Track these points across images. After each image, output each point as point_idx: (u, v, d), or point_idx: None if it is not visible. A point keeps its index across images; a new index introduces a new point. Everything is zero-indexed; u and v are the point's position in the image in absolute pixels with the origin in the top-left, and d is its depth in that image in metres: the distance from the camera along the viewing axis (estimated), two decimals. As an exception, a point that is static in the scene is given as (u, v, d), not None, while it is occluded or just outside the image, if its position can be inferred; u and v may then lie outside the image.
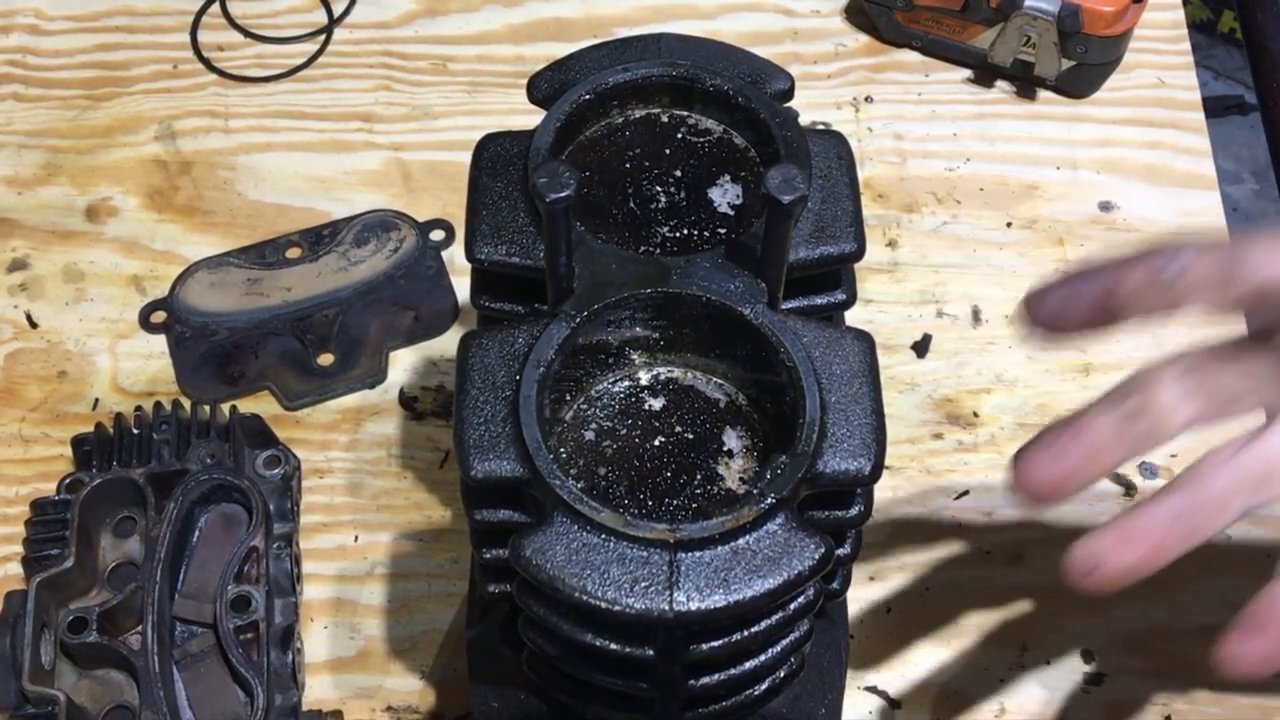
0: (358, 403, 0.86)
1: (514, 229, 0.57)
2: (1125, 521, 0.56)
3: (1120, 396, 0.56)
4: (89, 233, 0.94)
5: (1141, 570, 0.56)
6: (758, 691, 0.61)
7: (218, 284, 0.89)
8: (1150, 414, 0.56)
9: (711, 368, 0.58)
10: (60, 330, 0.89)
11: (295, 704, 0.71)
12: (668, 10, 1.04)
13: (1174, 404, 0.56)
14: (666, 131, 0.62)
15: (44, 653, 0.72)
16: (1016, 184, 0.95)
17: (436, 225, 0.92)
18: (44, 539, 0.75)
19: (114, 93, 1.00)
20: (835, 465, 0.53)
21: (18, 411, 0.86)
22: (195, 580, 0.75)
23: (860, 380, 0.55)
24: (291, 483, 0.78)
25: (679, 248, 0.58)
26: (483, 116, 0.99)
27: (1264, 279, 0.55)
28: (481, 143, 0.60)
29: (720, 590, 0.50)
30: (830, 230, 0.58)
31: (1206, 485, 0.56)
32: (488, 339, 0.55)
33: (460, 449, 0.53)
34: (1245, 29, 1.08)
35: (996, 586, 0.80)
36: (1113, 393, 0.57)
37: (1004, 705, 0.76)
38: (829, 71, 1.01)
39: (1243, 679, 0.55)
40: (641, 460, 0.56)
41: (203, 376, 0.86)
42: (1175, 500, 0.56)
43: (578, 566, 0.51)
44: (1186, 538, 0.56)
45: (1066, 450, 0.56)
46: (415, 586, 0.80)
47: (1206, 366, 0.57)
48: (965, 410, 0.86)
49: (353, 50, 1.02)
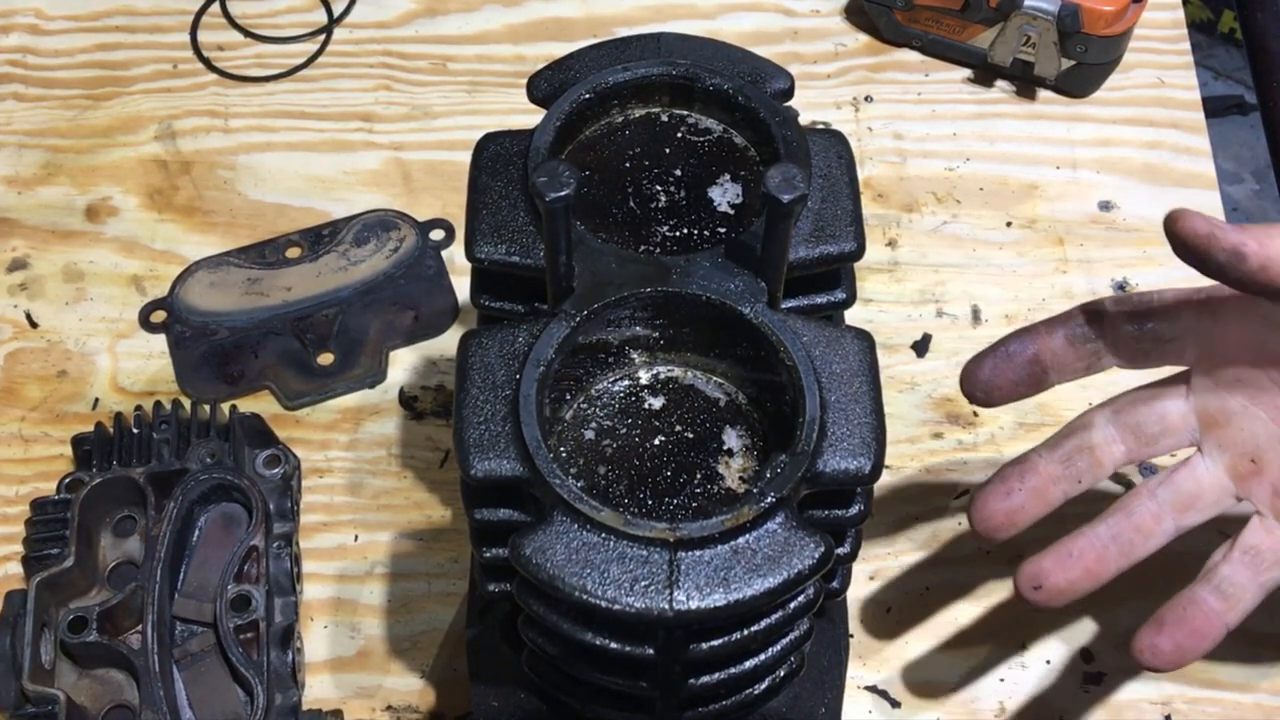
0: (358, 402, 0.86)
1: (514, 228, 0.57)
2: (1066, 543, 0.64)
3: (1060, 440, 0.65)
4: (89, 232, 0.94)
5: (1082, 586, 0.63)
6: (757, 691, 0.61)
7: (218, 284, 0.89)
8: (1086, 453, 0.65)
9: (711, 367, 0.58)
10: (60, 330, 0.89)
11: (295, 703, 0.71)
12: (668, 10, 1.04)
13: (1106, 443, 0.65)
14: (666, 131, 0.62)
15: (44, 652, 0.72)
16: (1016, 184, 0.95)
17: (436, 225, 0.92)
18: (44, 538, 0.75)
19: (114, 93, 1.00)
20: (835, 464, 0.53)
21: (18, 411, 0.86)
22: (195, 580, 0.75)
23: (860, 379, 0.55)
24: (291, 482, 0.78)
25: (679, 247, 0.58)
26: (483, 116, 0.99)
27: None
28: (481, 142, 0.60)
29: (720, 589, 0.50)
30: (830, 229, 0.58)
31: (1139, 511, 0.64)
32: (488, 338, 0.55)
33: (460, 448, 0.53)
34: (1245, 29, 1.08)
35: (996, 586, 0.80)
36: (1054, 437, 0.65)
37: (1004, 705, 0.76)
38: (829, 71, 1.01)
39: (1157, 670, 0.63)
40: (641, 459, 0.56)
41: (203, 376, 0.86)
42: (1111, 524, 0.64)
43: (578, 565, 0.51)
44: (1122, 557, 0.64)
45: (1016, 490, 0.64)
46: (415, 586, 0.80)
47: (1133, 409, 0.66)
48: (965, 410, 0.85)
49: (353, 50, 1.02)
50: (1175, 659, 0.63)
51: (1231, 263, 0.59)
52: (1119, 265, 0.91)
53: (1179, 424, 0.66)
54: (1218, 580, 0.64)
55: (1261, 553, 0.64)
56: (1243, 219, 1.41)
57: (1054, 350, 0.66)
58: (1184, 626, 0.63)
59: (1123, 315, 0.65)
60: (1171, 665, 0.63)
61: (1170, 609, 0.64)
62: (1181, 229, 0.60)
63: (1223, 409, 0.65)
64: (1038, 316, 0.89)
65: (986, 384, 0.66)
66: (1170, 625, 0.63)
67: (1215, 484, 0.65)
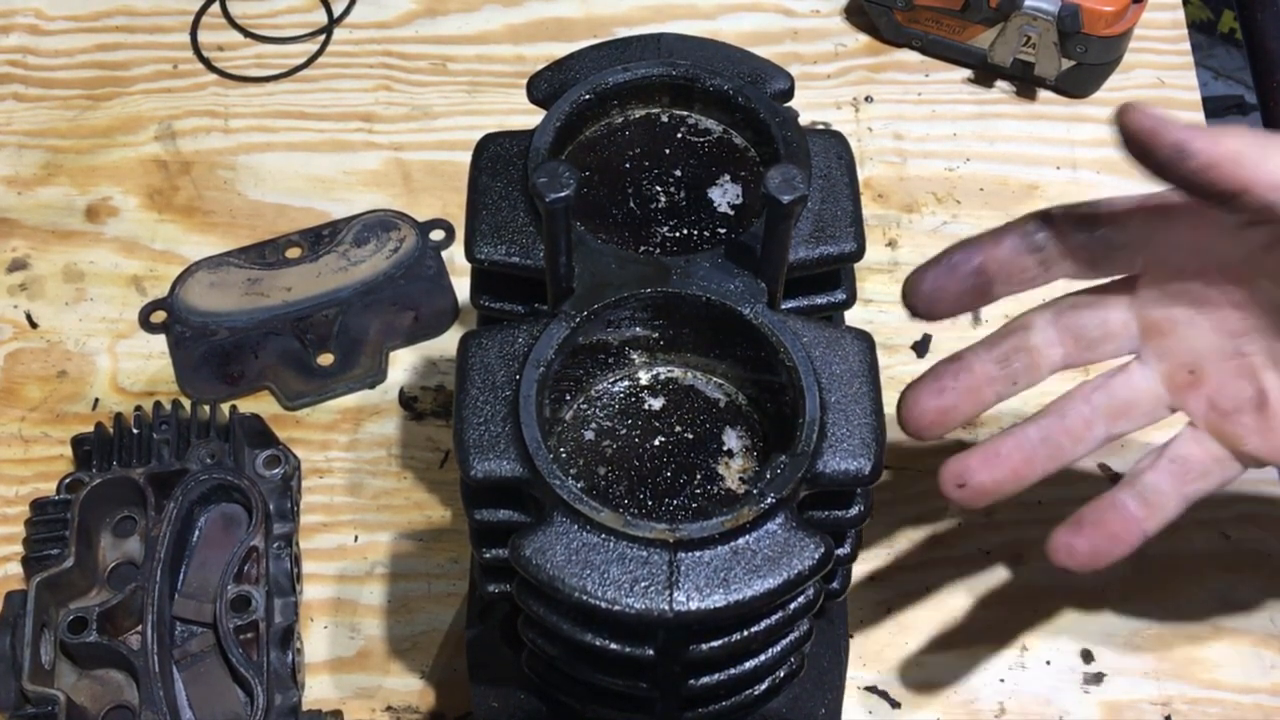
0: (358, 403, 0.86)
1: (514, 229, 0.57)
2: (994, 443, 0.62)
3: (998, 339, 0.63)
4: (89, 233, 0.94)
5: (1007, 487, 0.62)
6: (758, 691, 0.61)
7: (218, 284, 0.89)
8: (1024, 354, 0.63)
9: (711, 367, 0.58)
10: (60, 330, 0.89)
11: (295, 704, 0.71)
12: (668, 10, 1.04)
13: (1045, 346, 0.63)
14: (666, 131, 0.62)
15: (44, 652, 0.72)
16: (1016, 184, 0.95)
17: (436, 225, 0.92)
18: (44, 539, 0.75)
19: (114, 93, 1.00)
20: (835, 465, 0.53)
21: (18, 411, 0.86)
22: (195, 580, 0.75)
23: (860, 380, 0.55)
24: (291, 483, 0.78)
25: (679, 248, 0.58)
26: (483, 116, 0.99)
27: None
28: (481, 143, 0.60)
29: (720, 590, 0.50)
30: (830, 230, 0.58)
31: (1071, 414, 0.62)
32: (488, 339, 0.55)
33: (460, 449, 0.53)
34: (1245, 29, 1.08)
35: (996, 586, 0.80)
36: (991, 336, 0.63)
37: (1004, 705, 0.76)
38: (829, 71, 1.01)
39: (1070, 569, 0.63)
40: (641, 460, 0.56)
41: (203, 376, 0.86)
42: (1042, 426, 0.63)
43: (577, 566, 0.51)
44: (1050, 460, 0.62)
45: (949, 389, 0.62)
46: (415, 586, 0.80)
47: (1075, 312, 0.63)
48: (965, 410, 0.85)
49: (353, 50, 1.02)
50: (1089, 561, 0.62)
51: (1174, 160, 0.57)
52: (1119, 265, 0.91)
53: (1120, 330, 0.64)
54: (1141, 486, 0.63)
55: (1189, 464, 0.63)
56: (1243, 219, 1.41)
57: (1000, 260, 0.63)
58: (1102, 529, 0.62)
59: (1072, 221, 0.63)
60: (1085, 566, 0.62)
61: (1090, 510, 0.63)
62: (1127, 121, 0.58)
63: (1166, 318, 0.64)
64: (1038, 317, 0.89)
65: (929, 296, 0.63)
66: (1089, 527, 0.63)
67: (1151, 393, 0.64)
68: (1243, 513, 0.81)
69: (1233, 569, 0.80)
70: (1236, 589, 0.79)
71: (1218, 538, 0.81)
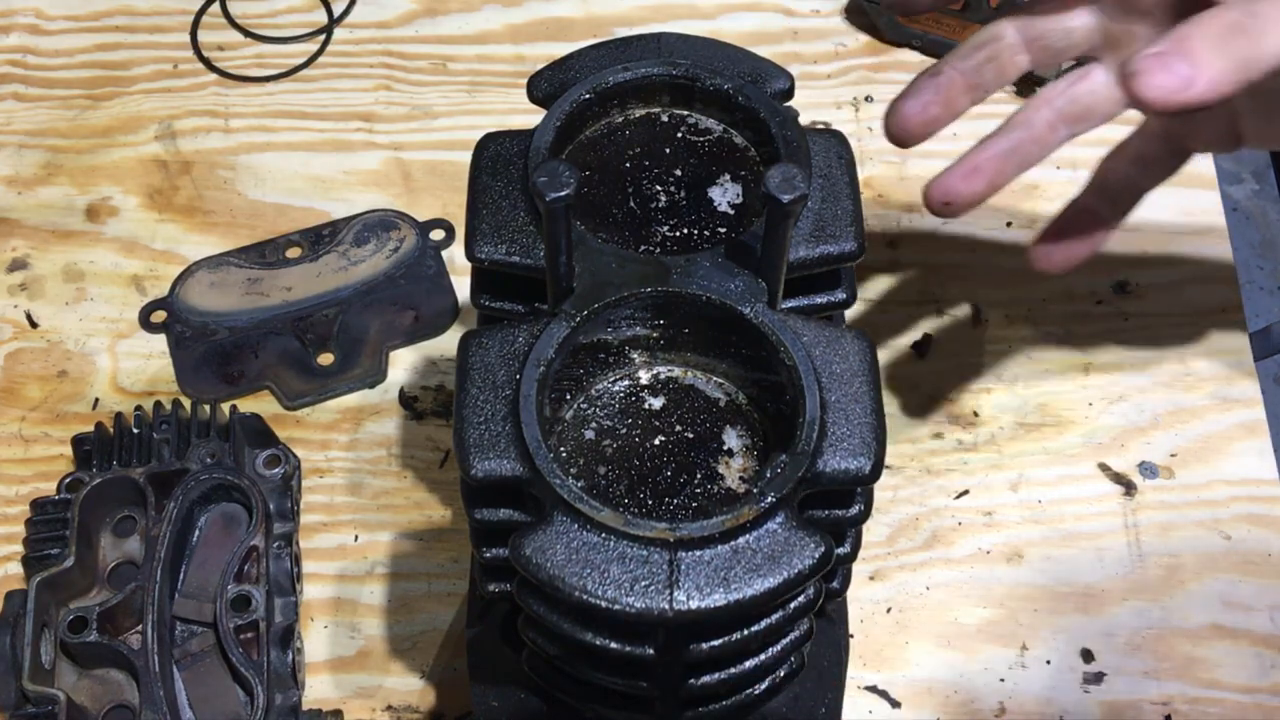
0: (358, 402, 0.86)
1: (514, 228, 0.57)
2: (970, 159, 0.69)
3: (970, 51, 0.69)
4: (89, 232, 0.94)
5: (984, 195, 0.69)
6: (758, 691, 0.61)
7: (218, 284, 0.89)
8: (994, 64, 0.69)
9: (711, 367, 0.58)
10: (60, 330, 0.89)
11: (295, 703, 0.71)
12: (668, 10, 1.04)
13: (1013, 53, 0.69)
14: (666, 131, 0.62)
15: (44, 652, 0.72)
16: (1016, 184, 0.95)
17: (436, 225, 0.92)
18: (44, 539, 0.75)
19: (114, 93, 1.00)
20: (835, 464, 0.53)
21: (18, 411, 0.86)
22: (195, 580, 0.75)
23: (860, 380, 0.55)
24: (291, 482, 0.78)
25: (679, 247, 0.58)
26: (483, 116, 0.99)
27: None
28: (481, 142, 0.60)
29: (720, 589, 0.50)
30: (830, 229, 0.58)
31: (1035, 121, 0.69)
32: (488, 338, 0.55)
33: (460, 448, 0.53)
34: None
35: (996, 586, 0.80)
36: (963, 48, 0.69)
37: (1004, 705, 0.76)
38: (829, 71, 1.01)
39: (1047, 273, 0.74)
40: (641, 459, 0.56)
41: (203, 376, 0.86)
42: (1011, 136, 0.69)
43: (578, 565, 0.51)
44: (1019, 167, 0.69)
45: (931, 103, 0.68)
46: (415, 586, 0.80)
47: (1042, 21, 0.69)
48: (965, 410, 0.85)
49: (353, 50, 1.02)
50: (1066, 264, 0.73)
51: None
52: (1118, 265, 0.91)
53: (1082, 41, 0.69)
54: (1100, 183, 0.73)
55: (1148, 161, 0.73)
56: (1243, 219, 1.41)
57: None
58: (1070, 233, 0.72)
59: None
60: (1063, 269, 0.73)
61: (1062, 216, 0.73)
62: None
63: (1128, 32, 0.67)
64: (1038, 316, 0.89)
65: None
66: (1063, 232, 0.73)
67: (1109, 95, 0.68)
68: (1243, 513, 0.82)
69: (1233, 569, 0.80)
70: (1236, 589, 0.79)
71: (1218, 538, 0.81)
